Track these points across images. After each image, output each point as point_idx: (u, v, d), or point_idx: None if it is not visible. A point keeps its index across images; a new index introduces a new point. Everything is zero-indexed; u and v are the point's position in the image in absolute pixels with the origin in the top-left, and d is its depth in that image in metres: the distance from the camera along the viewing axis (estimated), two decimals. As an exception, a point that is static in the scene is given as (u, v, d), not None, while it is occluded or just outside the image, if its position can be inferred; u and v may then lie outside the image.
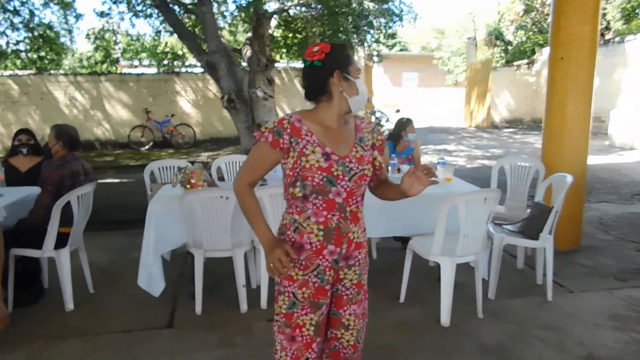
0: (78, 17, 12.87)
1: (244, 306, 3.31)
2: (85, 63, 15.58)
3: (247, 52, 8.69)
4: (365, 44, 14.39)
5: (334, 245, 1.68)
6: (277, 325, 1.75)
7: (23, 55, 11.49)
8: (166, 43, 14.64)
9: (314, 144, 1.63)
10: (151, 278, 3.30)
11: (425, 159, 8.96)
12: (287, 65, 14.48)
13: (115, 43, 15.06)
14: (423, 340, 2.93)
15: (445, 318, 3.10)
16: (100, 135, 12.99)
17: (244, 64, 9.32)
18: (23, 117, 12.12)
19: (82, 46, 16.98)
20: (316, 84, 1.67)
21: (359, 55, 14.57)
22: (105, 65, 14.91)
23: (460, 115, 18.67)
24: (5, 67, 11.88)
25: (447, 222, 3.05)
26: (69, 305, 3.34)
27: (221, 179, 4.69)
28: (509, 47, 18.97)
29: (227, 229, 3.19)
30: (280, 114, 13.61)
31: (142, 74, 13.87)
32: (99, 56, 14.81)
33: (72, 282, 3.39)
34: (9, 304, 3.28)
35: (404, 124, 4.63)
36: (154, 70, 15.14)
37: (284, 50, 14.55)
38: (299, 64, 14.55)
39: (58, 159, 3.32)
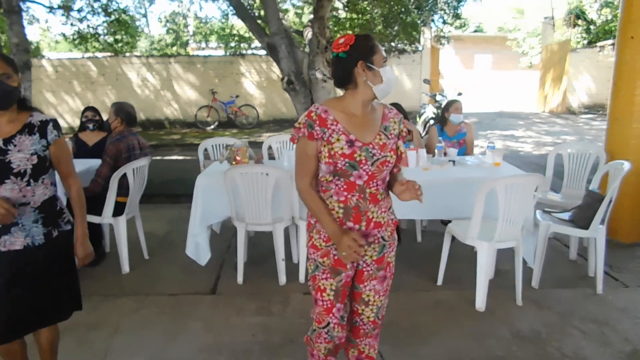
0: (152, 1, 13.60)
1: (282, 278, 3.47)
2: (156, 46, 16.44)
3: (308, 34, 8.82)
4: (432, 25, 14.02)
5: (353, 222, 1.80)
6: (310, 289, 1.95)
7: (101, 38, 12.32)
8: (233, 26, 15.08)
9: (339, 132, 1.75)
10: (198, 248, 3.54)
11: (480, 146, 8.67)
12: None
13: (185, 26, 15.73)
14: (456, 322, 2.94)
15: (480, 302, 3.08)
16: (169, 115, 13.74)
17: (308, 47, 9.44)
18: (100, 97, 13.08)
19: (155, 29, 17.96)
20: (342, 74, 1.77)
21: (425, 37, 14.20)
22: (175, 48, 15.64)
23: (534, 100, 17.71)
24: (86, 50, 12.81)
25: (488, 206, 3.01)
26: (125, 268, 3.67)
27: (272, 157, 4.87)
28: (592, 27, 17.61)
29: (267, 204, 3.34)
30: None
31: (209, 56, 14.42)
32: (169, 39, 15.55)
33: (129, 248, 3.73)
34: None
35: (447, 105, 4.54)
36: (220, 52, 15.69)
37: (349, 31, 14.54)
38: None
39: (116, 134, 3.63)
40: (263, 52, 13.73)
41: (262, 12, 10.54)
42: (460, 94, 9.30)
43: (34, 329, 2.09)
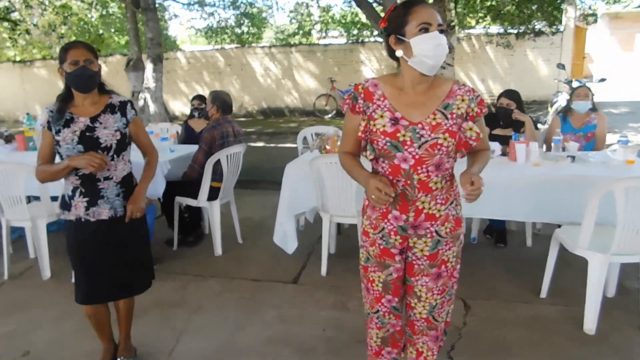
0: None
1: (365, 275, 3.38)
2: (279, 36, 17.15)
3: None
4: (577, 2, 12.54)
5: (399, 212, 1.69)
6: (360, 274, 1.90)
7: (229, 30, 13.21)
8: (355, 13, 15.12)
9: (384, 108, 1.64)
10: (285, 236, 3.60)
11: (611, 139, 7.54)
12: (485, 30, 13.60)
13: (309, 15, 16.16)
14: (554, 343, 2.58)
15: (590, 324, 2.66)
16: (289, 103, 14.28)
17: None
18: (226, 86, 14.05)
19: (280, 19, 18.76)
20: (387, 51, 1.68)
21: (567, 16, 12.75)
22: (297, 38, 16.17)
23: None
24: (216, 42, 13.86)
25: (608, 212, 2.58)
26: (218, 250, 3.89)
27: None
28: None
29: (352, 196, 3.27)
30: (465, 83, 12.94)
31: (329, 44, 14.64)
32: (292, 29, 16.12)
33: (225, 232, 3.94)
34: (174, 243, 4.00)
35: (572, 92, 3.98)
36: (342, 40, 15.84)
37: (480, 14, 13.68)
38: (495, 29, 13.51)
39: (212, 121, 3.83)
40: (383, 39, 13.59)
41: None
42: (603, 79, 8.16)
43: (116, 297, 2.36)
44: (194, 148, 3.97)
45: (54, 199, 3.47)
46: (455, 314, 2.88)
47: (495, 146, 3.62)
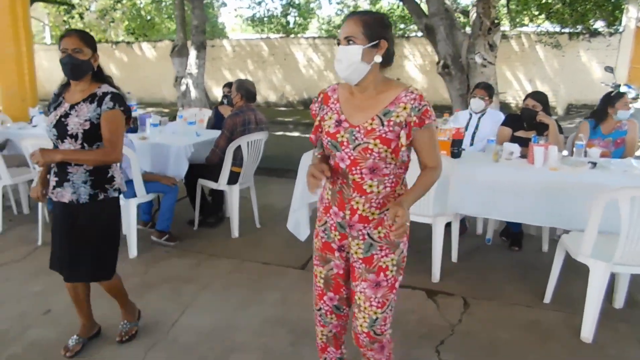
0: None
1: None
2: (325, 27, 17.25)
3: (473, 14, 8.37)
4: None
5: (337, 208, 1.77)
6: None
7: (275, 20, 13.43)
8: (401, 7, 14.98)
9: (334, 110, 1.73)
10: (298, 223, 3.72)
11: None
12: (536, 28, 13.19)
13: (355, 8, 16.12)
14: (548, 349, 2.59)
15: (587, 332, 2.64)
16: (330, 96, 14.39)
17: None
18: (269, 75, 14.32)
19: (327, 11, 18.79)
20: None
21: (629, 16, 12.15)
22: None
23: None
24: (262, 31, 14.12)
25: (615, 219, 2.55)
26: (235, 233, 4.07)
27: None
28: None
29: (430, 196, 3.17)
30: (503, 82, 12.59)
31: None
32: (338, 20, 16.15)
33: (244, 217, 4.11)
34: (195, 224, 4.21)
35: (611, 99, 3.87)
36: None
37: (534, 12, 13.27)
38: (545, 27, 13.07)
39: (236, 108, 4.00)
40: (429, 33, 13.43)
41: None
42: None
43: (67, 278, 2.35)
44: (218, 133, 4.14)
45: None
46: (452, 311, 2.94)
47: (515, 148, 3.60)
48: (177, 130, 4.31)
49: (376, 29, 1.62)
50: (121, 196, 3.37)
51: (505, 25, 15.93)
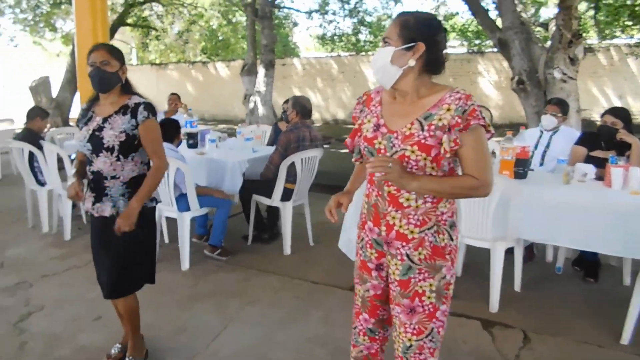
0: (397, 1, 14.26)
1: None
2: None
3: (552, 27, 7.99)
4: None
5: (373, 223, 1.66)
6: None
7: (345, 38, 13.57)
8: (476, 22, 14.60)
9: (374, 114, 1.64)
10: (350, 242, 3.64)
11: None
12: (629, 40, 12.32)
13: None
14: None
15: (669, 382, 2.32)
16: (399, 113, 14.22)
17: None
18: (338, 93, 14.44)
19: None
20: None
21: None
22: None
23: None
24: (332, 50, 14.32)
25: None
26: (287, 250, 4.05)
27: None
28: None
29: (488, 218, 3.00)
30: (589, 98, 11.76)
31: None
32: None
33: (298, 234, 4.10)
34: (249, 239, 4.25)
35: None
36: (459, 50, 15.38)
37: (627, 22, 12.39)
38: (639, 38, 12.14)
39: (291, 125, 4.02)
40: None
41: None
42: None
43: (112, 295, 2.35)
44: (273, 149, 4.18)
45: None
46: (510, 345, 2.71)
47: (589, 169, 3.31)
48: (235, 146, 4.40)
49: (415, 31, 1.50)
50: (174, 209, 3.52)
51: (593, 38, 15.02)
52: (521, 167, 3.35)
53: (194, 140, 4.44)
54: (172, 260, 3.80)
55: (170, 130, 3.77)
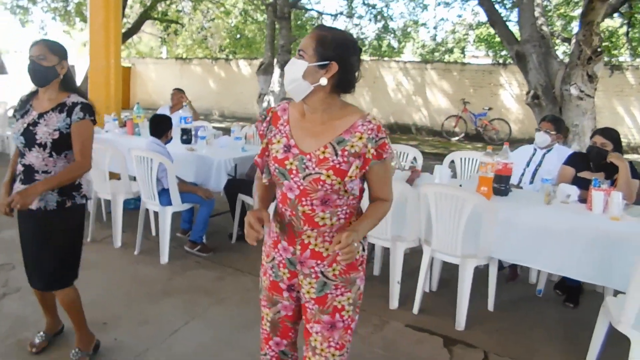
0: (424, 8, 14.18)
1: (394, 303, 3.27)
2: (420, 51, 16.99)
3: (573, 42, 7.84)
4: None
5: (287, 243, 1.62)
6: None
7: (367, 42, 13.54)
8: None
9: (283, 133, 1.59)
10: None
11: None
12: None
13: (453, 32, 15.77)
14: None
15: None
16: (417, 121, 14.10)
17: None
18: (357, 97, 14.35)
19: (422, 34, 18.56)
20: None
21: None
22: (437, 54, 15.91)
23: None
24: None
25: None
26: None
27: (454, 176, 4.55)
28: None
29: (459, 234, 2.95)
30: (614, 118, 11.43)
31: (467, 63, 14.13)
32: (431, 45, 15.90)
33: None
34: (233, 237, 4.29)
35: None
36: (483, 60, 15.18)
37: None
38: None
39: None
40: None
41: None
42: None
43: (45, 287, 2.37)
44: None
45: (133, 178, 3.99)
46: (467, 365, 2.66)
47: (572, 190, 3.23)
48: (225, 145, 4.45)
49: (331, 49, 1.48)
50: (156, 202, 3.58)
51: (625, 55, 14.59)
52: (503, 184, 3.29)
53: (187, 136, 4.50)
54: (153, 253, 3.86)
55: (160, 126, 3.84)
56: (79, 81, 11.82)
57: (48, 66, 2.18)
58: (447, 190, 3.00)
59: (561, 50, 13.33)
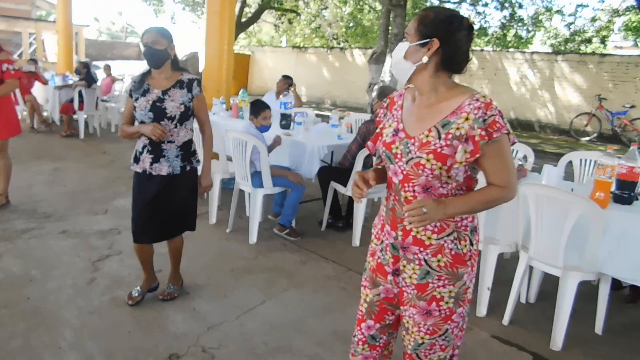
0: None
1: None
2: (551, 41, 15.57)
3: None
4: None
5: (390, 227, 1.61)
6: None
7: (490, 32, 12.75)
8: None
9: (395, 118, 1.62)
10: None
11: None
12: None
13: (593, 20, 14.25)
14: None
15: None
16: (541, 117, 13.01)
17: None
18: (475, 89, 13.63)
19: (555, 22, 17.01)
20: None
21: None
22: (570, 45, 14.49)
23: None
24: (474, 44, 13.57)
25: None
26: (356, 242, 4.02)
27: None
28: None
29: (562, 242, 2.63)
30: None
31: (607, 55, 12.64)
32: (564, 35, 14.51)
33: (371, 227, 4.02)
34: (323, 224, 4.31)
35: None
36: (630, 52, 13.50)
37: None
38: None
39: (374, 115, 3.93)
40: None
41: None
42: None
43: (160, 239, 2.82)
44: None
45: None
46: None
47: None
48: (322, 131, 4.46)
49: (432, 27, 1.47)
50: (249, 184, 3.77)
51: None
52: (627, 191, 2.88)
53: (286, 121, 4.59)
54: (244, 232, 4.01)
55: (253, 107, 3.93)
56: (201, 66, 12.72)
57: (161, 49, 2.54)
58: (550, 192, 2.68)
59: None
